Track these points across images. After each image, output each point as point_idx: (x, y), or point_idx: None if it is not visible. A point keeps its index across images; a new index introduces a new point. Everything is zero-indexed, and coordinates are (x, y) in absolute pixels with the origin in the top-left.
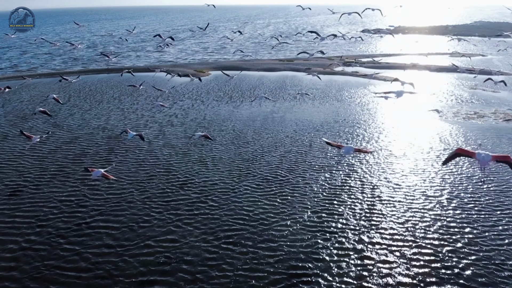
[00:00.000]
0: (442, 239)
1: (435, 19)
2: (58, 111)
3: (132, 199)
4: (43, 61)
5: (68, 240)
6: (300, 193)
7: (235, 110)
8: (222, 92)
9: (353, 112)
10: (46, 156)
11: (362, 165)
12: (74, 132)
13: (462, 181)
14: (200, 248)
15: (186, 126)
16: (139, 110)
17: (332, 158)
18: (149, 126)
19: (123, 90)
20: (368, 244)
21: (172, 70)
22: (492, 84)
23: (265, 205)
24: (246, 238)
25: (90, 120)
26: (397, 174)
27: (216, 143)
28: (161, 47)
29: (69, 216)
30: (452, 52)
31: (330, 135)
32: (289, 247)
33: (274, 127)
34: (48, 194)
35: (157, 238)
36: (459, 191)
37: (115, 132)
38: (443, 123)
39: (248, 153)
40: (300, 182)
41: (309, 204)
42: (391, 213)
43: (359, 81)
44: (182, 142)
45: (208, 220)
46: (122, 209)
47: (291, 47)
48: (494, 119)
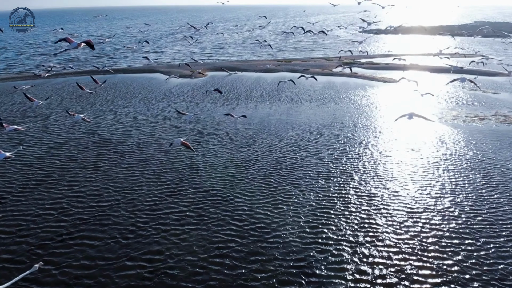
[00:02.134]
0: (442, 251)
1: (435, 20)
2: (49, 114)
3: (118, 208)
4: (38, 62)
5: (49, 252)
6: (294, 202)
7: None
8: (218, 94)
9: (350, 115)
10: (33, 162)
11: (359, 172)
12: (63, 137)
13: (463, 188)
14: (186, 262)
15: (179, 130)
16: (132, 113)
17: (328, 165)
18: (142, 129)
19: (117, 92)
20: (364, 258)
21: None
22: (492, 85)
23: (257, 216)
24: (236, 251)
25: (81, 124)
26: (396, 182)
27: (209, 148)
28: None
29: (52, 226)
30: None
31: (326, 139)
32: (282, 261)
33: (270, 131)
34: (31, 203)
35: (141, 251)
36: (460, 199)
37: (104, 136)
38: (443, 127)
39: (241, 159)
40: (294, 190)
41: (304, 215)
42: (389, 224)
43: (357, 82)
44: (174, 148)
45: (196, 232)
46: (107, 219)
47: (290, 47)
48: (495, 122)
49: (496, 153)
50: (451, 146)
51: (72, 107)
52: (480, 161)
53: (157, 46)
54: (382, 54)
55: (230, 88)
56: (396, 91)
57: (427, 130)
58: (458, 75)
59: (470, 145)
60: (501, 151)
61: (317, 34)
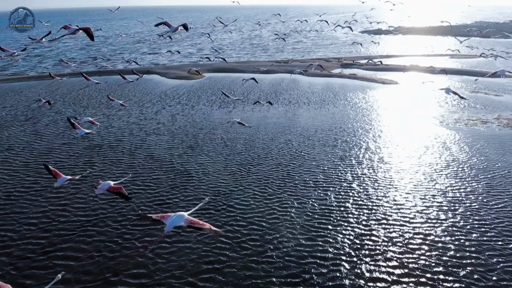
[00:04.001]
0: (444, 266)
1: (434, 20)
2: (40, 117)
3: (103, 222)
4: (33, 64)
5: (23, 274)
6: (290, 212)
7: (226, 116)
8: (215, 96)
9: (349, 119)
10: (19, 169)
11: (359, 181)
12: (52, 142)
13: (466, 197)
14: (174, 278)
15: (174, 134)
16: (125, 116)
17: (325, 173)
18: (135, 134)
19: (111, 94)
20: (363, 273)
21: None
22: (494, 87)
23: (250, 227)
24: (228, 266)
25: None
26: (396, 191)
27: (203, 154)
28: None
29: (30, 243)
30: (454, 53)
31: (323, 144)
32: (276, 277)
33: (266, 136)
34: (12, 216)
35: (127, 266)
36: (463, 209)
37: (95, 141)
38: (444, 131)
39: (236, 166)
40: (290, 199)
41: (300, 227)
42: (389, 237)
43: (356, 84)
44: (167, 153)
45: (184, 250)
46: (89, 235)
47: (289, 48)
48: (498, 125)
49: (500, 159)
50: (454, 152)
51: (65, 111)
52: (484, 168)
53: (155, 47)
54: (382, 55)
55: (227, 90)
56: (396, 93)
57: (428, 135)
58: (458, 76)
59: (473, 150)
60: (505, 157)
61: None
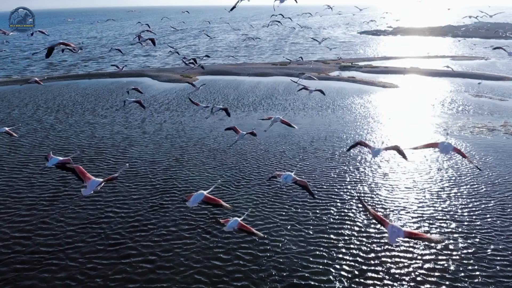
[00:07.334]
0: (450, 279)
1: (435, 20)
2: (18, 126)
3: (80, 242)
4: (21, 67)
5: None
6: (284, 236)
7: (218, 124)
8: (206, 101)
9: (347, 127)
10: None
11: (356, 198)
12: (29, 155)
13: (474, 216)
14: None
15: (159, 145)
16: (109, 125)
17: (322, 188)
18: (117, 144)
19: (99, 99)
20: None
21: None
22: (499, 91)
23: (242, 253)
24: None
25: (53, 138)
26: (398, 210)
27: (190, 169)
28: None
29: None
30: (454, 55)
31: (320, 156)
32: None
33: (260, 146)
34: None
35: None
36: (470, 229)
37: (70, 152)
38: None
39: (226, 182)
40: (284, 221)
41: (295, 248)
42: (390, 255)
43: (355, 88)
44: (148, 169)
45: (168, 276)
46: (73, 252)
47: (286, 50)
48: (505, 133)
49: (509, 172)
50: (460, 164)
51: (45, 119)
52: (493, 183)
53: (148, 48)
54: (381, 57)
55: (220, 95)
56: (397, 97)
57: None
58: (460, 79)
59: (480, 162)
60: None
61: None
